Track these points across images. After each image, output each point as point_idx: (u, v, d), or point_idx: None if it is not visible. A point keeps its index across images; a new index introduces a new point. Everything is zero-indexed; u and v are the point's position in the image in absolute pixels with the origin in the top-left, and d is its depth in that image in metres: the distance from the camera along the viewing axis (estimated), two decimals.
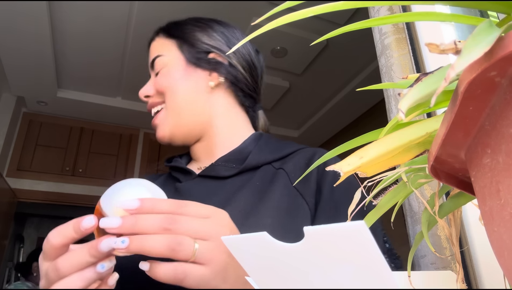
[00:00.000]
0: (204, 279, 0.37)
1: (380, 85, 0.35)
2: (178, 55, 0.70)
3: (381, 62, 0.76)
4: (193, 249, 0.36)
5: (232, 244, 0.22)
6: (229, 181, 0.63)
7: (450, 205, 0.28)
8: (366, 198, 0.29)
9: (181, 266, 0.36)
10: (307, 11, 0.21)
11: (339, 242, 0.17)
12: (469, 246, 0.54)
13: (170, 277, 0.36)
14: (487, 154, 0.17)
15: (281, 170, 0.63)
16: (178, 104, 0.67)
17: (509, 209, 0.15)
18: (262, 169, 0.64)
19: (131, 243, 0.35)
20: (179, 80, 0.68)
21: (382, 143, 0.23)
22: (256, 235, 0.20)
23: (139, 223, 0.36)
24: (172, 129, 0.68)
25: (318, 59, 2.72)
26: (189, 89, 0.68)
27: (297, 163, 0.63)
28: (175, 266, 0.36)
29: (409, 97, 0.16)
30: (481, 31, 0.15)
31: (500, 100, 0.16)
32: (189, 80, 0.68)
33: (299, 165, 0.63)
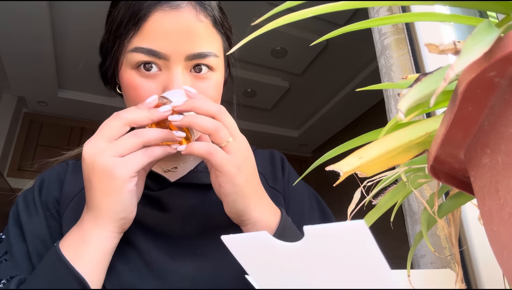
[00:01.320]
0: (225, 163, 0.45)
1: (379, 85, 0.35)
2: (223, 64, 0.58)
3: (381, 62, 0.76)
4: (228, 139, 0.46)
5: (232, 243, 0.22)
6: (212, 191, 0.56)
7: (450, 205, 0.28)
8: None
9: (213, 146, 0.46)
10: (307, 12, 0.21)
11: (338, 241, 0.17)
12: (469, 246, 0.54)
13: (203, 151, 0.45)
14: (486, 154, 0.17)
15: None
16: None
17: (508, 208, 0.15)
18: None
19: (185, 118, 0.45)
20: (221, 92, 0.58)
21: (381, 143, 0.23)
22: (256, 234, 0.20)
23: (198, 103, 0.46)
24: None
25: (318, 59, 2.72)
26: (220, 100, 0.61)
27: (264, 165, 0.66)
28: (208, 145, 0.45)
29: (409, 97, 0.16)
30: (480, 31, 0.15)
31: (499, 100, 0.16)
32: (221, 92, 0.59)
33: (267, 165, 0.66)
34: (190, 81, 0.53)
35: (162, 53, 0.51)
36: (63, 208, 0.57)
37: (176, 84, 0.50)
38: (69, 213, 0.56)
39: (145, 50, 0.51)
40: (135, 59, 0.51)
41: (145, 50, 0.51)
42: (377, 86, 0.34)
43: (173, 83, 0.51)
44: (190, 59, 0.52)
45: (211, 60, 0.53)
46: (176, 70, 0.51)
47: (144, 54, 0.51)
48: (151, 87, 0.52)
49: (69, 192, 0.58)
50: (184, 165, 0.62)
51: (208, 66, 0.53)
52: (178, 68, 0.51)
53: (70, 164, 0.63)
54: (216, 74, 0.55)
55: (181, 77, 0.51)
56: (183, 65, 0.52)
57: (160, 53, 0.51)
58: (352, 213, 0.28)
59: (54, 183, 0.60)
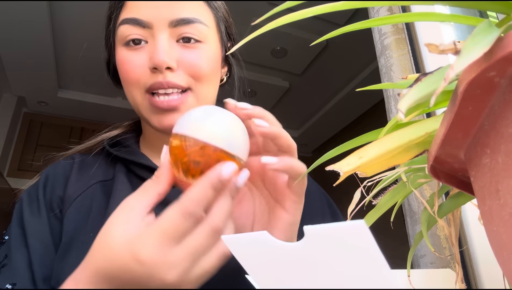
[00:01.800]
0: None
1: (379, 85, 0.35)
2: (215, 36, 0.56)
3: (381, 62, 0.76)
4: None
5: (232, 243, 0.22)
6: None
7: (450, 205, 0.28)
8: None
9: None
10: (307, 12, 0.21)
11: (339, 241, 0.17)
12: (469, 246, 0.54)
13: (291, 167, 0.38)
14: (486, 154, 0.17)
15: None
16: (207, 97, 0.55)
17: (508, 209, 0.15)
18: None
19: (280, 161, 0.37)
20: (214, 72, 0.55)
21: (381, 143, 0.23)
22: (256, 234, 0.20)
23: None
24: None
25: (318, 59, 2.72)
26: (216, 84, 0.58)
27: None
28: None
29: (409, 97, 0.16)
30: (480, 31, 0.15)
31: (499, 100, 0.16)
32: (217, 74, 0.57)
33: None
34: (178, 51, 0.51)
35: (144, 21, 0.50)
36: (66, 207, 0.55)
37: (160, 50, 0.49)
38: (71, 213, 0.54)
39: (128, 20, 0.51)
40: (123, 33, 0.52)
41: (128, 20, 0.51)
42: (377, 86, 0.34)
43: (157, 49, 0.49)
44: (174, 25, 0.50)
45: (199, 27, 0.52)
46: (160, 37, 0.50)
47: (128, 24, 0.51)
48: (137, 59, 0.51)
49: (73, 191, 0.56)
50: None
51: (196, 38, 0.52)
52: (162, 35, 0.50)
53: (77, 161, 0.61)
54: (207, 46, 0.53)
55: (166, 44, 0.50)
56: (168, 33, 0.51)
57: (143, 21, 0.50)
58: (352, 213, 0.28)
59: (59, 180, 0.58)
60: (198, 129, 0.34)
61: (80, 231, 0.51)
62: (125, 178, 0.57)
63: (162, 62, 0.49)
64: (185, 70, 0.51)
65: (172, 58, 0.50)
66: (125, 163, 0.59)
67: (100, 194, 0.56)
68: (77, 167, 0.60)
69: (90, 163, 0.60)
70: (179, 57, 0.51)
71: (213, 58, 0.54)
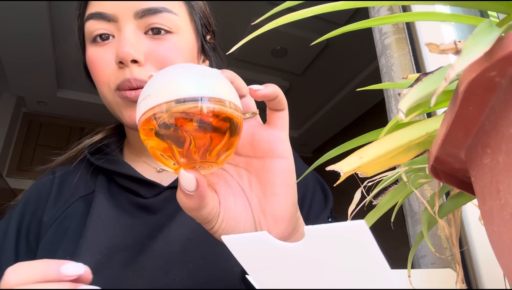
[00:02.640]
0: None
1: (380, 85, 0.35)
2: (189, 26, 0.52)
3: (381, 62, 0.76)
4: None
5: (232, 243, 0.22)
6: None
7: (450, 205, 0.28)
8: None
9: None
10: (307, 11, 0.21)
11: (339, 241, 0.17)
12: (469, 246, 0.54)
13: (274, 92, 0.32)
14: (487, 154, 0.17)
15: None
16: None
17: (509, 209, 0.15)
18: None
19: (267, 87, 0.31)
20: None
21: (382, 143, 0.23)
22: (256, 234, 0.20)
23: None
24: None
25: (318, 59, 2.71)
26: None
27: None
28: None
29: (409, 97, 0.16)
30: (481, 31, 0.15)
31: (500, 100, 0.16)
32: None
33: None
34: (146, 44, 0.48)
35: (109, 14, 0.48)
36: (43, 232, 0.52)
37: (124, 42, 0.46)
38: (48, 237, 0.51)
39: (93, 14, 0.48)
40: (89, 29, 0.49)
41: (93, 14, 0.49)
42: (377, 86, 0.34)
43: (121, 42, 0.46)
44: (140, 16, 0.47)
45: (167, 17, 0.48)
46: (125, 29, 0.47)
47: (93, 19, 0.49)
48: (105, 57, 0.48)
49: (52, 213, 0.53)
50: None
51: (166, 29, 0.48)
52: (128, 27, 0.47)
53: (57, 176, 0.58)
54: (179, 36, 0.50)
55: (131, 35, 0.47)
56: (134, 25, 0.48)
57: (107, 14, 0.48)
58: (352, 213, 0.28)
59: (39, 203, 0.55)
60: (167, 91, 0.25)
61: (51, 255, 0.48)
62: (106, 191, 0.53)
63: (127, 54, 0.45)
64: (154, 64, 0.48)
65: (138, 51, 0.47)
66: (106, 173, 0.55)
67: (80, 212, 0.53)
68: (57, 183, 0.57)
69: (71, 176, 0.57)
70: (147, 50, 0.48)
71: (186, 49, 0.50)
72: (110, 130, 0.63)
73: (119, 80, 0.47)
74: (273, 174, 0.33)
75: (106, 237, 0.49)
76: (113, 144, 0.59)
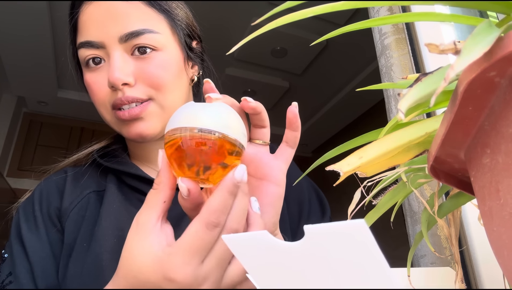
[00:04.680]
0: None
1: (380, 85, 0.35)
2: (172, 41, 0.55)
3: (381, 62, 0.76)
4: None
5: (232, 242, 0.22)
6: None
7: (450, 205, 0.28)
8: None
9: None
10: (307, 12, 0.21)
11: (339, 240, 0.17)
12: (469, 246, 0.54)
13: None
14: (486, 154, 0.17)
15: None
16: (172, 103, 0.54)
17: (509, 209, 0.15)
18: None
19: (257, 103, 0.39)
20: (176, 77, 0.55)
21: (381, 143, 0.23)
22: (256, 233, 0.20)
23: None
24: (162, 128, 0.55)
25: (318, 59, 2.71)
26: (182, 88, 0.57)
27: None
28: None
29: (409, 97, 0.16)
30: (480, 31, 0.15)
31: (499, 100, 0.16)
32: (183, 77, 0.57)
33: None
34: (133, 65, 0.52)
35: (96, 41, 0.52)
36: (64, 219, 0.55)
37: (113, 69, 0.50)
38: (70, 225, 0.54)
39: (83, 43, 0.53)
40: (81, 56, 0.54)
41: (83, 43, 0.53)
42: (377, 86, 0.34)
43: (111, 69, 0.50)
44: (124, 40, 0.51)
45: (150, 37, 0.52)
46: (113, 54, 0.51)
47: (84, 48, 0.53)
48: (99, 80, 0.53)
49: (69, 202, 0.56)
50: None
51: (151, 47, 0.52)
52: (115, 53, 0.51)
53: (69, 174, 0.61)
54: (164, 53, 0.53)
55: (119, 61, 0.51)
56: (121, 49, 0.52)
57: (95, 42, 0.52)
58: (352, 213, 0.28)
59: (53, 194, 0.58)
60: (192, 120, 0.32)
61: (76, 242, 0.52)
62: (116, 189, 0.57)
63: (117, 79, 0.50)
64: (144, 83, 0.52)
65: (127, 74, 0.51)
66: (116, 174, 0.59)
67: (95, 203, 0.56)
68: (70, 179, 0.60)
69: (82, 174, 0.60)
70: (135, 71, 0.52)
71: (172, 64, 0.54)
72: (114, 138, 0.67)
73: (113, 99, 0.52)
74: (264, 194, 0.39)
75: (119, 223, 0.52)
76: (121, 149, 0.63)
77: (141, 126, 0.53)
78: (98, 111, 0.56)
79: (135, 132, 0.53)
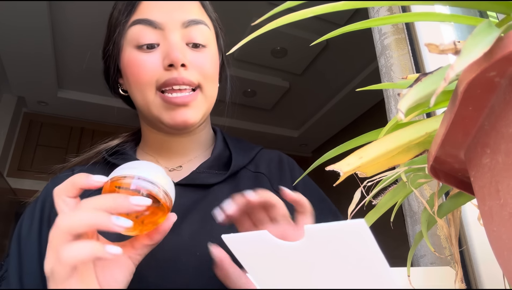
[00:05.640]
0: None
1: (379, 85, 0.35)
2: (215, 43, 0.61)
3: (381, 62, 0.76)
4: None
5: (232, 242, 0.22)
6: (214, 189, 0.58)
7: (450, 205, 0.28)
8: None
9: None
10: (307, 12, 0.21)
11: (339, 240, 0.17)
12: (469, 246, 0.54)
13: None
14: (486, 154, 0.17)
15: (260, 174, 0.63)
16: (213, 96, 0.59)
17: (509, 209, 0.15)
18: (241, 174, 0.62)
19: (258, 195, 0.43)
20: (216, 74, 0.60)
21: (381, 143, 0.23)
22: (256, 233, 0.20)
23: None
24: (202, 118, 0.58)
25: (318, 59, 2.71)
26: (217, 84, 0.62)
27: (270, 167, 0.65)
28: None
29: (409, 97, 0.16)
30: (480, 31, 0.15)
31: (499, 100, 0.16)
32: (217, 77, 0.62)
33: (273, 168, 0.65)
34: (189, 52, 0.55)
35: (157, 22, 0.54)
36: None
37: (176, 48, 0.53)
38: None
39: (141, 20, 0.55)
40: (134, 34, 0.55)
41: (141, 20, 0.55)
42: (377, 86, 0.34)
43: (172, 48, 0.53)
44: (185, 26, 0.55)
45: (204, 29, 0.57)
46: (173, 37, 0.54)
47: (141, 24, 0.54)
48: (150, 60, 0.54)
49: None
50: (188, 164, 0.63)
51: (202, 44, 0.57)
52: (175, 36, 0.54)
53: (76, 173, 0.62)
54: (210, 49, 0.58)
55: (180, 43, 0.54)
56: (179, 34, 0.55)
57: (156, 22, 0.54)
58: (352, 213, 0.28)
59: None
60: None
61: None
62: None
63: (178, 58, 0.52)
64: (195, 70, 0.55)
65: (185, 57, 0.54)
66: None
67: None
68: None
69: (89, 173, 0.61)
70: (190, 58, 0.55)
71: (215, 60, 0.59)
72: (126, 136, 0.69)
73: (166, 78, 0.53)
74: None
75: None
76: (128, 148, 0.64)
77: (188, 113, 0.55)
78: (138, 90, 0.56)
79: (181, 118, 0.54)
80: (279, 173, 0.65)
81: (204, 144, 0.65)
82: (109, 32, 0.60)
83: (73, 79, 2.91)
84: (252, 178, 0.62)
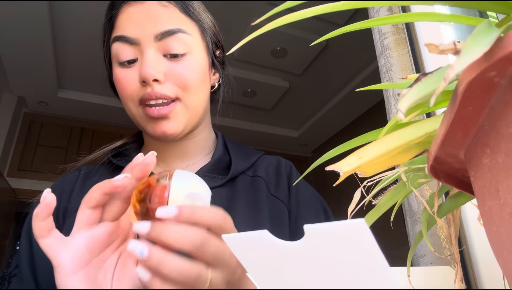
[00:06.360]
0: None
1: (379, 85, 0.35)
2: (201, 46, 0.59)
3: (381, 62, 0.76)
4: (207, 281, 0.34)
5: (233, 242, 0.22)
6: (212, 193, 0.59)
7: (449, 205, 0.28)
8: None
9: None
10: (307, 12, 0.21)
11: (339, 240, 0.17)
12: (468, 246, 0.54)
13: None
14: (486, 154, 0.17)
15: (257, 178, 0.63)
16: (195, 104, 0.58)
17: (508, 209, 0.15)
18: (239, 179, 0.62)
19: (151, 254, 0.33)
20: (201, 80, 0.58)
21: (381, 143, 0.23)
22: (256, 233, 0.20)
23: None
24: (185, 128, 0.58)
25: (318, 59, 2.71)
26: (205, 91, 0.60)
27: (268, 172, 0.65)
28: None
29: (409, 97, 0.16)
30: (480, 31, 0.15)
31: (499, 100, 0.16)
32: (206, 82, 0.60)
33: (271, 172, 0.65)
34: (165, 64, 0.55)
35: (132, 38, 0.55)
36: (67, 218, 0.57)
37: (147, 64, 0.53)
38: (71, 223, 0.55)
39: (118, 37, 0.56)
40: (115, 51, 0.56)
41: (118, 37, 0.56)
42: (377, 86, 0.34)
43: (144, 64, 0.53)
44: (159, 39, 0.54)
45: (182, 37, 0.55)
46: (147, 51, 0.54)
47: (118, 42, 0.56)
48: (129, 76, 0.55)
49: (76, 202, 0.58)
50: (188, 168, 0.63)
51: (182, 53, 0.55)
52: (149, 50, 0.54)
53: (82, 173, 0.64)
54: (192, 56, 0.57)
55: (153, 58, 0.54)
56: (155, 47, 0.55)
57: (131, 38, 0.55)
58: (352, 213, 0.28)
59: (65, 193, 0.60)
60: None
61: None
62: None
63: (149, 74, 0.53)
64: (173, 82, 0.55)
65: (158, 72, 0.54)
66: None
67: None
68: (81, 178, 0.63)
69: (94, 174, 0.63)
70: (166, 70, 0.55)
71: (199, 68, 0.57)
72: (131, 137, 0.69)
73: (142, 93, 0.55)
74: None
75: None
76: (132, 149, 0.65)
77: (167, 125, 0.56)
78: (125, 105, 0.58)
79: (161, 130, 0.55)
80: (276, 177, 0.65)
81: (205, 148, 0.66)
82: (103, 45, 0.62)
83: (73, 79, 2.91)
84: (249, 182, 0.62)
